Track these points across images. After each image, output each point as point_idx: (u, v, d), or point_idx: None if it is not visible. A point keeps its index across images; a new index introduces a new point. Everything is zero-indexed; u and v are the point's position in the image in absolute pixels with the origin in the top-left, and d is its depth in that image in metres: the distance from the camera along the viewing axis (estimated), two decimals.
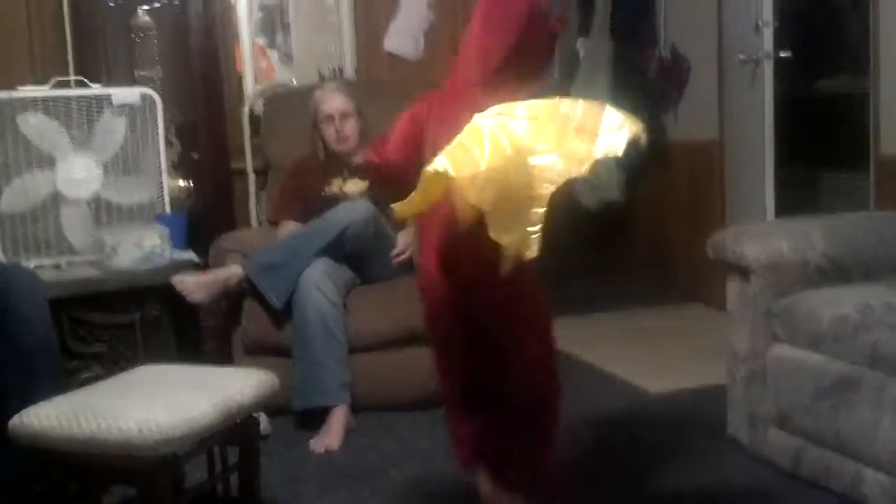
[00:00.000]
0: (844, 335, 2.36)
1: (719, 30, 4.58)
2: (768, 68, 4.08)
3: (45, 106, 3.27)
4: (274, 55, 4.52)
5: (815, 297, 2.54)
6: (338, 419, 3.05)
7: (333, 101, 3.64)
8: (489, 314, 2.14)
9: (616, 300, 4.94)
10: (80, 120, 3.33)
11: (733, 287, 2.78)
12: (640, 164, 5.13)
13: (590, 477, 2.60)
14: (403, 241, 3.44)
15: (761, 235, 2.71)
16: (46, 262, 3.24)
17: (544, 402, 2.20)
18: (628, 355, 3.96)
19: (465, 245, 1.99)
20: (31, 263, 3.13)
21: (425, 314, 2.29)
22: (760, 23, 4.12)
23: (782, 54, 4.10)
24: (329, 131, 3.62)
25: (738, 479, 2.61)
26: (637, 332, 4.44)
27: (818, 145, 4.83)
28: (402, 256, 3.43)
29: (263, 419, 2.89)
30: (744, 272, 2.69)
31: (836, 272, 2.65)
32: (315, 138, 3.70)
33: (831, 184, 4.78)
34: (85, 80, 3.47)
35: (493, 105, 1.90)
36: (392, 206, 1.96)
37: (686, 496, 2.52)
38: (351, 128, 3.63)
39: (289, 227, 3.51)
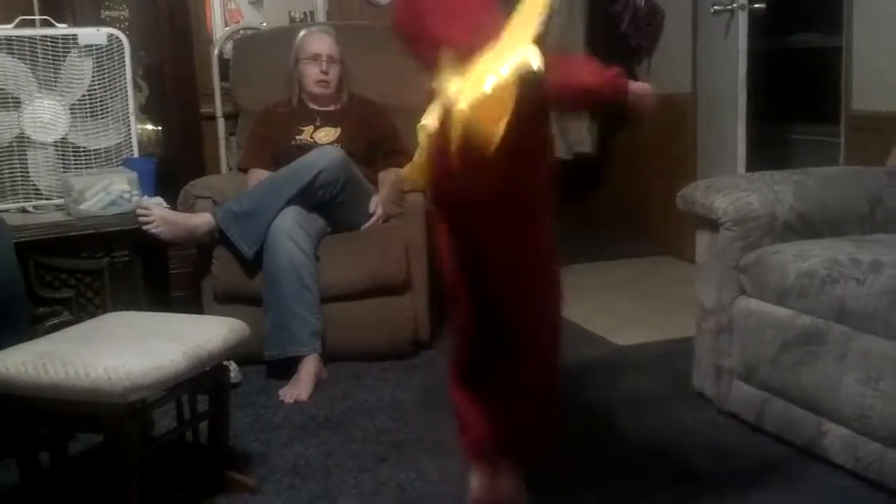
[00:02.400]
0: (811, 289, 2.39)
1: None
2: (742, 19, 4.07)
3: (9, 45, 3.19)
4: None
5: (783, 251, 2.56)
6: (308, 369, 3.05)
7: (323, 42, 3.60)
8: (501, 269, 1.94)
9: (587, 252, 4.96)
10: (46, 61, 3.25)
11: (702, 240, 2.79)
12: (613, 116, 5.13)
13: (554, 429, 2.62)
14: (375, 202, 3.43)
15: (731, 189, 2.72)
16: (12, 206, 3.19)
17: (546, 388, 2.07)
18: (597, 307, 3.99)
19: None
20: None
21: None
22: None
23: (756, 5, 4.09)
24: (312, 71, 3.58)
25: (702, 433, 2.64)
26: (606, 284, 4.47)
27: (790, 99, 4.85)
28: (374, 217, 3.42)
29: (233, 368, 2.90)
30: (713, 225, 2.71)
31: (805, 227, 2.68)
32: (293, 78, 3.65)
33: (802, 138, 4.81)
34: (50, 19, 3.39)
35: None
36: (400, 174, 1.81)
37: (651, 449, 2.54)
38: (334, 74, 3.59)
39: (258, 176, 3.48)
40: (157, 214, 3.10)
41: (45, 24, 3.36)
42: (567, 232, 5.07)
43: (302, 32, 3.69)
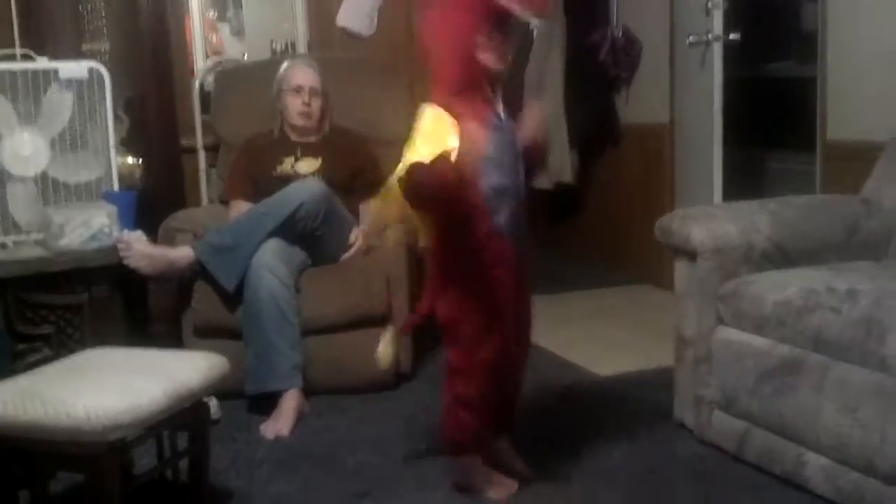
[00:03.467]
0: (788, 319, 2.41)
1: (671, 11, 4.61)
2: (718, 51, 4.11)
3: None
4: (225, 29, 4.47)
5: (760, 280, 2.58)
6: (289, 404, 3.03)
7: (306, 75, 3.61)
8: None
9: (566, 281, 4.97)
10: (26, 94, 3.26)
11: (680, 270, 2.81)
12: (592, 145, 5.18)
13: (534, 458, 2.62)
14: (355, 234, 3.44)
15: (708, 219, 2.74)
16: None
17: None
18: (577, 337, 3.99)
19: None
20: None
21: None
22: (710, 4, 4.13)
23: (732, 36, 4.14)
24: (295, 102, 3.58)
25: (683, 462, 2.64)
26: (586, 313, 4.48)
27: (767, 129, 4.89)
28: (354, 248, 3.42)
29: (214, 403, 2.88)
30: (690, 255, 2.72)
31: (781, 256, 2.70)
32: (275, 109, 3.66)
33: (778, 167, 4.85)
34: (31, 53, 3.40)
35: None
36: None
37: (631, 480, 2.55)
38: (317, 106, 3.60)
39: (240, 207, 3.48)
40: (137, 249, 3.09)
41: (26, 57, 3.37)
42: (546, 260, 5.13)
43: (285, 64, 3.70)
